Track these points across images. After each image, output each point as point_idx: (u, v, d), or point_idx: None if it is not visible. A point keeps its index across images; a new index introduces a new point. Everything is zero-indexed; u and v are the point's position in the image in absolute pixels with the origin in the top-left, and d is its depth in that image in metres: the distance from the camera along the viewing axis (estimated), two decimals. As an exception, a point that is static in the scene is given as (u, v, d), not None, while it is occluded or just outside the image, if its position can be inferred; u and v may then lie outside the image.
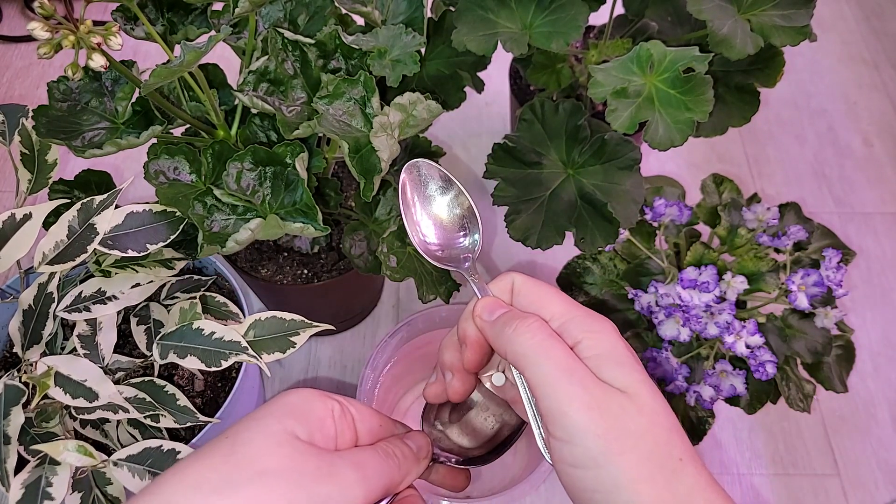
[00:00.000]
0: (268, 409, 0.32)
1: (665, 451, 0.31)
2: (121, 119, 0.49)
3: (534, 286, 0.36)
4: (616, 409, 0.31)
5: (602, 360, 0.33)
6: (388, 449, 0.34)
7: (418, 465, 0.36)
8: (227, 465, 0.29)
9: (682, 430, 0.32)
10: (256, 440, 0.30)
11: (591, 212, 0.54)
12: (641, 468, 0.31)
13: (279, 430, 0.31)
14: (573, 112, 0.54)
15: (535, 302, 0.36)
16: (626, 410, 0.31)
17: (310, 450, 0.31)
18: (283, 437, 0.31)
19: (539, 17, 0.54)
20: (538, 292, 0.36)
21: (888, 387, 0.72)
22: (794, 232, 0.58)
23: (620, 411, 0.31)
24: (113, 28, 0.37)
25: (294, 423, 0.32)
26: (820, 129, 0.93)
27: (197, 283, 0.54)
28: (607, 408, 0.31)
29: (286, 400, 0.33)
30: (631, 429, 0.31)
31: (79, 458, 0.42)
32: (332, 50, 0.48)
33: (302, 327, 0.48)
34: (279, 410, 0.32)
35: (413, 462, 0.36)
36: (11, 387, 0.44)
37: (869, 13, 1.05)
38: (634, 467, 0.31)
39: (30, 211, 0.45)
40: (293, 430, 0.31)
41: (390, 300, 0.77)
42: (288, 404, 0.33)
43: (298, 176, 0.45)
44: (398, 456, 0.35)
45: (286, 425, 0.31)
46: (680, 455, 0.31)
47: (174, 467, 0.30)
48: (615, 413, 0.31)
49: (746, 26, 0.51)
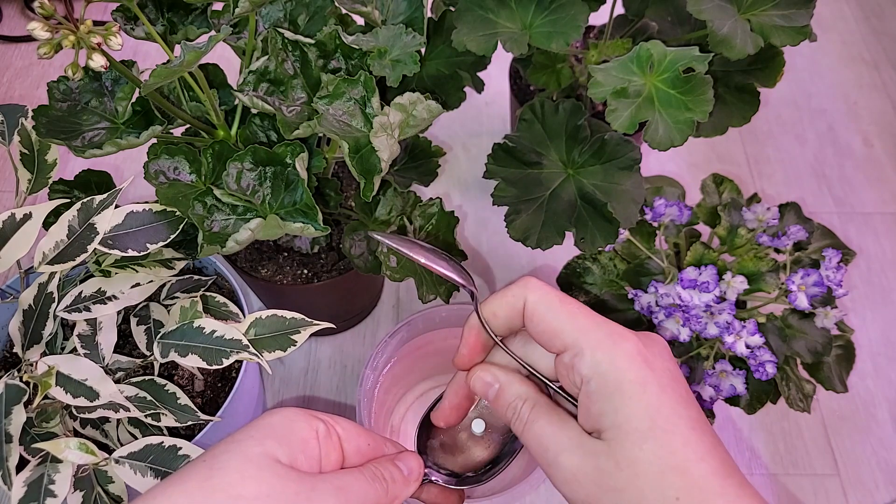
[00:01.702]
0: (248, 431, 0.31)
1: (655, 496, 0.30)
2: (121, 119, 0.49)
3: (546, 312, 0.34)
4: (593, 472, 0.31)
5: (599, 403, 0.32)
6: (377, 471, 0.34)
7: (408, 487, 0.35)
8: (202, 492, 0.29)
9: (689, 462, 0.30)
10: (234, 464, 0.30)
11: (591, 212, 0.54)
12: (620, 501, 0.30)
13: (259, 453, 0.30)
14: (573, 112, 0.54)
15: (545, 332, 0.34)
16: (602, 472, 0.31)
17: (290, 474, 0.30)
18: (262, 461, 0.30)
19: (539, 17, 0.54)
20: (549, 320, 0.34)
21: (888, 387, 0.72)
22: (794, 232, 0.58)
23: (597, 474, 0.31)
24: (113, 28, 0.37)
25: (275, 445, 0.31)
26: (820, 129, 0.93)
27: (197, 283, 0.54)
28: (584, 475, 0.31)
29: (268, 421, 0.32)
30: (610, 485, 0.31)
31: (81, 455, 0.42)
32: (332, 50, 0.48)
33: (302, 325, 0.48)
34: (260, 432, 0.31)
35: (402, 485, 0.35)
36: (12, 386, 0.44)
37: (869, 13, 1.05)
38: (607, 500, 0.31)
39: (30, 211, 0.45)
40: (274, 452, 0.30)
41: (390, 300, 0.77)
42: (270, 425, 0.32)
43: (298, 176, 0.45)
44: (386, 479, 0.34)
45: (267, 448, 0.30)
46: (677, 494, 0.30)
47: (150, 492, 0.29)
48: (592, 477, 0.31)
49: (746, 26, 0.51)
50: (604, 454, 0.31)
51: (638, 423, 0.31)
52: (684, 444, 0.30)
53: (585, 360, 0.32)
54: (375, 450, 0.36)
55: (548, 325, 0.34)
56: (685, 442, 0.30)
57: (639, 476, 0.30)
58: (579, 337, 0.33)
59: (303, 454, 0.31)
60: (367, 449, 0.35)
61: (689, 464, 0.30)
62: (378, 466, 0.34)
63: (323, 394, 0.70)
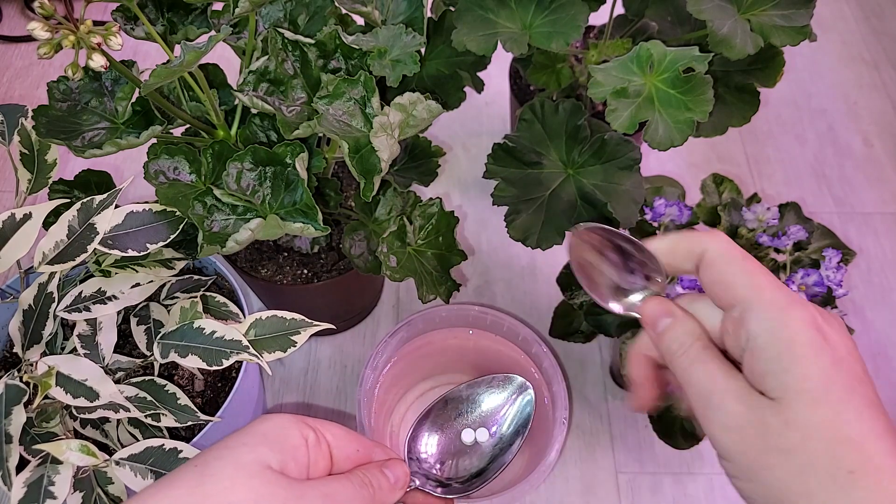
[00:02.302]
0: (241, 438, 0.32)
1: (826, 464, 0.29)
2: (121, 119, 0.49)
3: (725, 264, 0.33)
4: (758, 425, 0.30)
5: (766, 361, 0.31)
6: (364, 478, 0.34)
7: (393, 494, 0.35)
8: (192, 498, 0.29)
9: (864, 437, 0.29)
10: (226, 471, 0.30)
11: (591, 212, 0.54)
12: (795, 483, 0.29)
13: (251, 460, 0.30)
14: (573, 112, 0.54)
15: (720, 282, 0.33)
16: (769, 427, 0.30)
17: (280, 481, 0.30)
18: (254, 468, 0.30)
19: (539, 17, 0.54)
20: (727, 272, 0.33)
21: (888, 387, 0.72)
22: (794, 232, 0.58)
23: (763, 428, 0.30)
24: (113, 28, 0.37)
25: (267, 451, 0.31)
26: (820, 129, 0.93)
27: (197, 283, 0.54)
28: (749, 425, 0.30)
29: (261, 428, 0.33)
30: (777, 444, 0.29)
31: (81, 457, 0.42)
32: (332, 50, 0.48)
33: (302, 326, 0.48)
34: (253, 439, 0.32)
35: (389, 492, 0.35)
36: (12, 386, 0.44)
37: (869, 13, 1.05)
38: (786, 482, 0.29)
39: (30, 211, 0.45)
40: (266, 459, 0.31)
41: (390, 300, 0.77)
42: (262, 432, 0.32)
43: (298, 176, 0.45)
44: (374, 486, 0.34)
45: (259, 455, 0.31)
46: (851, 468, 0.28)
47: (141, 495, 0.29)
48: (757, 430, 0.30)
49: (746, 26, 0.51)
50: (772, 411, 0.30)
51: (812, 385, 0.30)
52: (859, 419, 0.29)
53: (756, 315, 0.31)
54: (365, 455, 0.36)
55: (724, 277, 0.33)
56: (860, 416, 0.29)
57: (810, 440, 0.29)
58: (754, 293, 0.32)
59: (293, 461, 0.32)
60: (357, 455, 0.36)
61: (865, 439, 0.29)
62: (366, 473, 0.34)
63: (323, 394, 0.70)
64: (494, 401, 0.41)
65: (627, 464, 0.66)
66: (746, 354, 0.31)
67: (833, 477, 0.28)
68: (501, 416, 0.41)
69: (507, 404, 0.41)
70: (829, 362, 0.30)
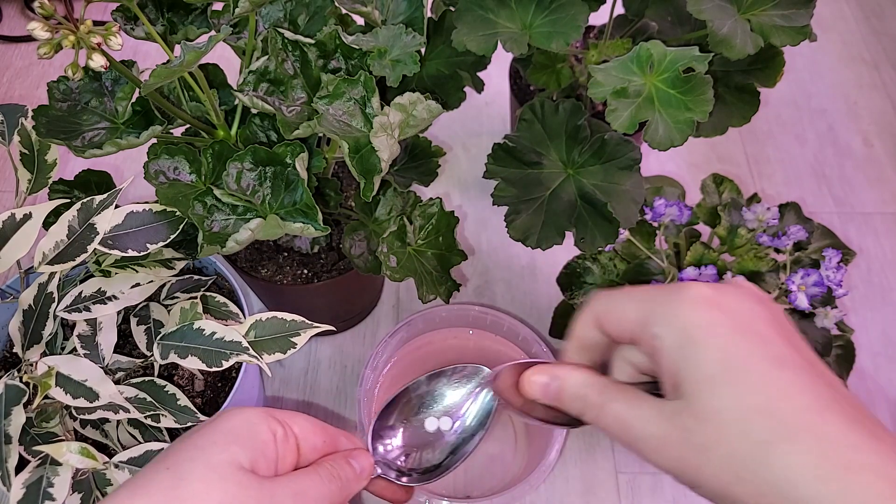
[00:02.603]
0: (211, 436, 0.32)
1: (743, 444, 0.27)
2: (121, 119, 0.49)
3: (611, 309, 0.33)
4: (680, 433, 0.29)
5: (670, 362, 0.30)
6: (332, 471, 0.34)
7: (359, 484, 0.36)
8: (167, 502, 0.29)
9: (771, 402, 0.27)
10: (198, 474, 0.30)
11: (591, 212, 0.54)
12: (725, 474, 0.28)
13: (223, 460, 0.31)
14: (573, 112, 0.54)
15: (618, 325, 0.33)
16: (688, 430, 0.29)
17: (251, 481, 0.31)
18: (226, 469, 0.30)
19: (539, 17, 0.54)
20: (615, 312, 0.33)
21: (888, 387, 0.72)
22: (794, 232, 0.58)
23: (684, 434, 0.29)
24: (113, 28, 0.37)
25: (238, 450, 0.31)
26: (820, 129, 0.93)
27: (197, 283, 0.54)
28: (673, 438, 0.29)
29: (230, 425, 0.33)
30: (697, 443, 0.29)
31: (81, 459, 0.42)
32: (332, 50, 0.48)
33: (303, 328, 0.48)
34: (223, 438, 0.32)
35: (355, 482, 0.36)
36: (12, 386, 0.44)
37: (869, 13, 1.05)
38: (719, 476, 0.28)
39: (30, 211, 0.45)
40: (237, 458, 0.31)
41: (390, 300, 0.77)
42: (232, 430, 0.32)
43: (298, 176, 0.45)
44: (342, 478, 0.34)
45: (230, 454, 0.31)
46: (765, 438, 0.27)
47: (111, 499, 0.29)
48: (681, 438, 0.29)
49: (746, 26, 0.51)
50: (685, 412, 0.29)
51: (710, 368, 0.29)
52: (764, 384, 0.28)
53: (653, 320, 0.31)
54: (331, 445, 0.36)
55: (616, 318, 0.33)
56: (764, 381, 0.28)
57: (722, 426, 0.28)
58: (643, 307, 0.32)
59: (263, 457, 0.32)
60: (323, 446, 0.36)
61: (771, 403, 0.27)
62: (333, 466, 0.35)
63: (323, 394, 0.70)
64: (459, 392, 0.41)
65: (627, 464, 0.66)
66: (658, 361, 0.31)
67: (752, 454, 0.27)
68: (465, 407, 0.41)
69: (471, 397, 0.41)
70: (724, 335, 0.29)
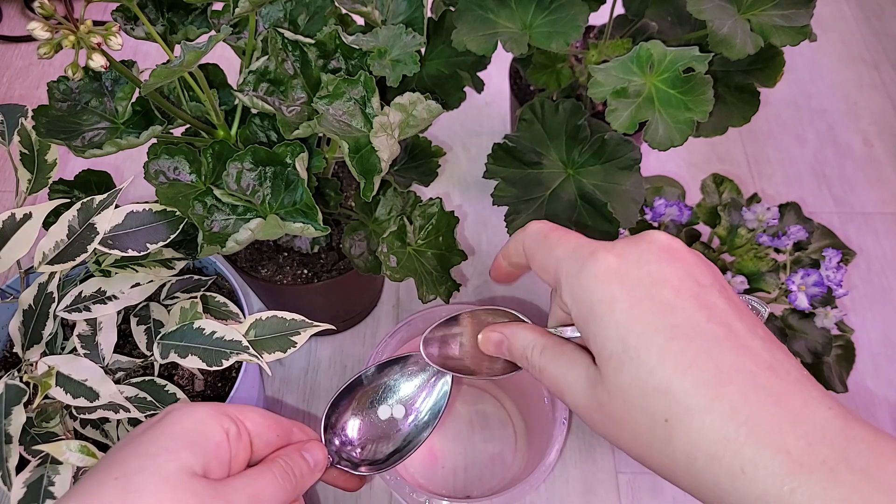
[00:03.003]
0: (162, 442, 0.30)
1: (648, 423, 0.28)
2: (121, 119, 0.49)
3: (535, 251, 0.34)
4: (598, 404, 0.30)
5: (581, 326, 0.30)
6: (286, 467, 0.34)
7: (314, 477, 0.35)
8: None
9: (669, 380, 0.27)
10: (150, 486, 0.28)
11: (591, 212, 0.54)
12: (638, 448, 0.29)
13: (175, 469, 0.29)
14: (573, 112, 0.54)
15: (540, 270, 0.34)
16: (602, 403, 0.29)
17: (206, 489, 0.29)
18: (178, 478, 0.29)
19: (539, 17, 0.54)
20: (538, 258, 0.34)
21: (888, 387, 0.72)
22: (794, 232, 0.58)
23: (601, 406, 0.29)
24: (113, 28, 0.37)
25: (190, 455, 0.30)
26: (820, 129, 0.93)
27: (197, 283, 0.54)
28: (595, 408, 0.30)
29: (180, 427, 0.31)
30: (611, 417, 0.29)
31: (81, 457, 0.42)
32: (332, 50, 0.48)
33: (302, 327, 0.48)
34: (174, 443, 0.30)
35: (309, 476, 0.35)
36: (12, 386, 0.44)
37: (869, 13, 1.05)
38: (634, 450, 0.29)
39: (30, 211, 0.45)
40: (190, 465, 0.29)
41: (390, 300, 0.77)
42: (183, 433, 0.31)
43: (298, 176, 0.45)
44: (296, 474, 0.34)
45: (182, 461, 0.29)
46: (666, 416, 0.27)
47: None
48: (599, 409, 0.30)
49: (746, 26, 0.51)
50: (599, 385, 0.29)
51: (612, 346, 0.29)
52: (660, 360, 0.27)
53: (564, 289, 0.31)
54: (284, 438, 0.36)
55: (538, 264, 0.34)
56: (661, 357, 0.27)
57: (627, 404, 0.28)
58: (559, 267, 0.32)
59: (216, 459, 0.31)
60: (276, 440, 0.35)
61: (669, 380, 0.27)
62: (287, 461, 0.34)
63: (323, 394, 0.70)
64: (413, 381, 0.41)
65: (627, 464, 0.66)
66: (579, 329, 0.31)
67: (655, 433, 0.27)
68: (419, 395, 0.41)
69: (425, 387, 0.41)
70: (624, 310, 0.29)
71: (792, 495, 0.25)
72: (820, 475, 0.24)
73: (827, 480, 0.24)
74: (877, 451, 0.25)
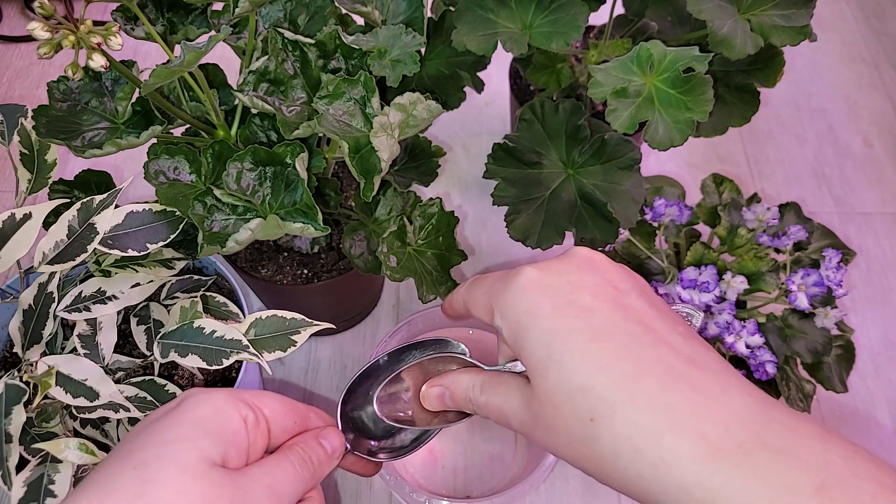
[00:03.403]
0: (179, 430, 0.29)
1: (576, 425, 0.28)
2: (121, 119, 0.49)
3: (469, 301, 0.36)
4: (535, 417, 0.30)
5: (512, 344, 0.32)
6: (304, 455, 0.33)
7: (331, 464, 0.35)
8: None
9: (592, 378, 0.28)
10: (169, 476, 0.28)
11: (591, 212, 0.54)
12: (572, 452, 0.29)
13: (193, 459, 0.28)
14: (573, 112, 0.54)
15: (479, 316, 0.35)
16: (537, 415, 0.30)
17: (224, 479, 0.29)
18: (197, 468, 0.28)
19: (539, 17, 0.54)
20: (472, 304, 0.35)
21: (888, 387, 0.72)
22: (794, 232, 0.58)
23: (536, 418, 0.30)
24: (113, 28, 0.37)
25: (208, 444, 0.29)
26: (820, 129, 0.93)
27: (197, 283, 0.54)
28: (533, 423, 0.31)
29: (199, 414, 0.30)
30: (547, 426, 0.30)
31: (80, 455, 0.42)
32: (332, 50, 0.48)
33: (302, 326, 0.48)
34: (192, 431, 0.29)
35: (327, 464, 0.35)
36: (12, 386, 0.44)
37: (869, 13, 1.05)
38: (569, 455, 0.30)
39: (30, 211, 0.45)
40: (208, 454, 0.29)
41: (390, 300, 0.77)
42: (201, 421, 0.30)
43: (298, 176, 0.45)
44: (314, 462, 0.33)
45: (201, 451, 0.29)
46: (591, 415, 0.28)
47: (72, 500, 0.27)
48: (536, 423, 0.30)
49: (746, 26, 0.51)
50: (532, 398, 0.30)
51: (538, 353, 0.29)
52: (582, 360, 0.28)
53: (496, 314, 0.32)
54: (301, 425, 0.35)
55: (475, 307, 0.34)
56: (583, 357, 0.28)
57: (556, 408, 0.29)
58: (490, 295, 0.33)
59: (234, 448, 0.31)
60: (294, 427, 0.35)
61: (590, 379, 0.28)
62: (305, 449, 0.34)
63: (323, 394, 0.70)
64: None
65: (627, 464, 0.66)
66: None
67: (584, 432, 0.28)
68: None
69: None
70: (547, 317, 0.30)
71: (711, 480, 0.25)
72: (737, 458, 0.25)
73: (744, 463, 0.25)
74: (794, 432, 0.26)
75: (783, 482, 0.24)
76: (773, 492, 0.24)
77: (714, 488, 0.25)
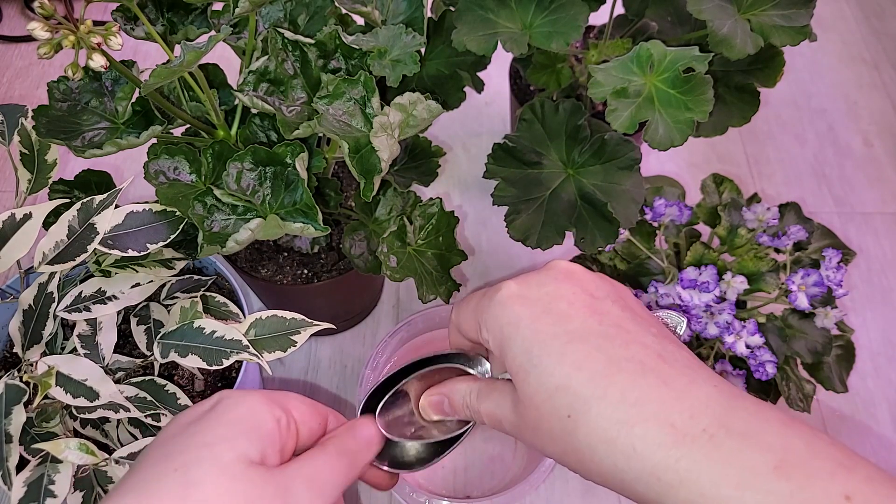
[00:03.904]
0: (219, 431, 0.30)
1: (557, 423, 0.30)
2: (121, 119, 0.49)
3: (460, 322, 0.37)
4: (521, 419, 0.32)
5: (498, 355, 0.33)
6: (340, 446, 0.34)
7: (370, 454, 0.36)
8: None
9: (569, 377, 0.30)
10: (210, 477, 0.28)
11: (591, 212, 0.54)
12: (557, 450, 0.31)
13: (233, 459, 0.29)
14: (573, 112, 0.54)
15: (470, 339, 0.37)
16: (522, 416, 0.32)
17: (263, 477, 0.29)
18: (237, 468, 0.29)
19: (539, 17, 0.54)
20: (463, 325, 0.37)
21: (888, 387, 0.72)
22: (794, 232, 0.58)
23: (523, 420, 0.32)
24: (113, 28, 0.37)
25: (247, 444, 0.30)
26: (820, 129, 0.93)
27: (197, 283, 0.54)
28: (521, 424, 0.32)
29: (234, 414, 0.31)
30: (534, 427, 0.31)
31: (80, 456, 0.42)
32: (332, 50, 0.48)
33: (302, 326, 0.48)
34: (231, 432, 0.30)
35: (365, 453, 0.35)
36: (12, 386, 0.44)
37: (869, 13, 1.05)
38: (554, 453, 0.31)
39: (30, 211, 0.45)
40: (247, 453, 0.29)
41: (390, 300, 0.77)
42: (238, 421, 0.31)
43: (298, 176, 0.45)
44: (350, 451, 0.34)
45: (240, 450, 0.29)
46: (568, 412, 0.29)
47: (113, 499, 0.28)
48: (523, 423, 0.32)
49: (746, 26, 0.51)
50: (518, 402, 0.32)
51: (520, 359, 0.31)
52: (559, 361, 0.30)
53: (483, 329, 0.34)
54: (324, 426, 0.36)
55: (465, 328, 0.36)
56: (559, 358, 0.30)
57: (538, 409, 0.31)
58: (477, 313, 0.34)
59: (270, 447, 0.31)
60: (318, 428, 0.35)
61: (566, 378, 0.30)
62: (341, 440, 0.34)
63: (323, 394, 0.70)
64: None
65: (627, 464, 0.66)
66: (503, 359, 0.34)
67: (564, 429, 0.30)
68: None
69: None
70: (527, 325, 0.32)
71: (678, 464, 0.27)
72: (701, 442, 0.27)
73: (708, 446, 0.27)
74: (757, 417, 0.28)
75: (744, 463, 0.26)
76: (735, 471, 0.26)
77: (681, 471, 0.27)
